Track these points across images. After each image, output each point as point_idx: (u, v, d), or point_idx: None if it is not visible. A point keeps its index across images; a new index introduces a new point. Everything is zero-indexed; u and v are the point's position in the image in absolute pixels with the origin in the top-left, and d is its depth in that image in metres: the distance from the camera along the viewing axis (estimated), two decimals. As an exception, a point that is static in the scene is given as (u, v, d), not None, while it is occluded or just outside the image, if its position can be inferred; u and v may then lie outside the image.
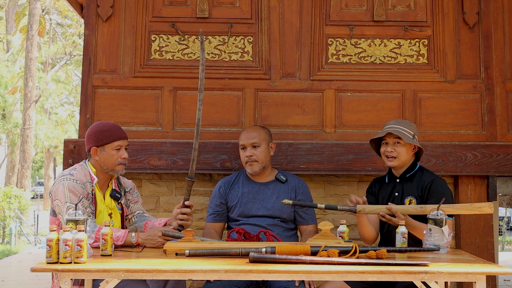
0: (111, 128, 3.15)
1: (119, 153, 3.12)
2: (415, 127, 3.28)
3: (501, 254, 9.23)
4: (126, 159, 3.16)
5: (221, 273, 2.38)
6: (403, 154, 3.21)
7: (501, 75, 4.11)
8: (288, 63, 4.11)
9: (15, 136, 19.47)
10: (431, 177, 3.21)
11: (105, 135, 3.11)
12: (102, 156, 3.11)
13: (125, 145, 3.16)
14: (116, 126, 3.19)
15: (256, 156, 3.43)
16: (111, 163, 3.11)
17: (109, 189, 3.20)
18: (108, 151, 3.10)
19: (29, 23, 16.70)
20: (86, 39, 4.13)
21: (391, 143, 3.22)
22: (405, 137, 3.17)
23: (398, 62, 4.12)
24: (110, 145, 3.11)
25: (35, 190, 25.10)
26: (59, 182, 3.01)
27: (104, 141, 3.10)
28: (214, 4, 4.14)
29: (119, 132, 3.15)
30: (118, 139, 3.12)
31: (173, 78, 4.09)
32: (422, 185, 3.19)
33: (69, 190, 2.96)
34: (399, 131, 3.19)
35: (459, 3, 4.13)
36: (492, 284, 3.94)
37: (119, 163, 3.12)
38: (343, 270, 2.40)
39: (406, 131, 3.20)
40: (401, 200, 3.23)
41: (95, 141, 3.11)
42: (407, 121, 3.33)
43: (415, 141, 3.21)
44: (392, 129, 3.20)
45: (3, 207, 12.22)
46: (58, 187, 2.99)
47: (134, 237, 2.92)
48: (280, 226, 3.42)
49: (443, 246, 2.80)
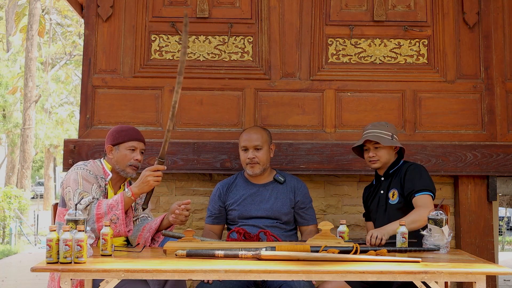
0: (129, 129, 3.22)
1: (133, 154, 3.13)
2: (393, 127, 3.36)
3: (501, 254, 9.23)
4: (139, 161, 3.16)
5: (221, 273, 2.38)
6: (384, 156, 3.29)
7: (501, 75, 4.11)
8: (288, 63, 4.11)
9: (15, 136, 19.47)
10: (408, 165, 3.28)
11: (122, 134, 3.16)
12: (116, 155, 3.14)
13: (140, 147, 3.18)
14: (135, 129, 3.24)
15: (259, 158, 3.43)
16: (123, 163, 3.12)
17: (120, 190, 3.21)
18: (122, 150, 3.13)
19: (29, 23, 16.70)
20: (86, 39, 4.13)
21: (372, 148, 3.31)
22: (382, 141, 3.25)
23: (398, 62, 4.12)
24: (125, 144, 3.14)
25: (35, 190, 25.11)
26: (73, 171, 3.06)
27: (119, 140, 3.15)
28: (214, 4, 4.14)
29: (135, 134, 3.19)
30: (133, 139, 3.15)
31: (173, 78, 4.06)
32: (400, 176, 3.25)
33: (82, 177, 3.01)
34: (376, 135, 3.27)
35: (459, 3, 4.13)
36: (492, 284, 3.94)
37: (131, 164, 3.13)
38: (343, 270, 2.40)
39: (384, 133, 3.28)
40: (386, 196, 3.30)
41: (112, 140, 3.17)
42: (383, 122, 3.41)
43: (394, 141, 3.28)
44: (369, 135, 3.29)
45: (3, 207, 12.22)
46: (71, 176, 3.04)
47: (129, 191, 2.96)
48: (279, 227, 3.41)
49: (443, 246, 2.81)
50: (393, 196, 3.26)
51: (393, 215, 3.18)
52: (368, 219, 3.47)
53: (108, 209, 2.90)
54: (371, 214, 3.41)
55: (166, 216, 3.12)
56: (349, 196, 4.14)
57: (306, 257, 2.54)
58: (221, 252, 2.57)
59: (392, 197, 3.26)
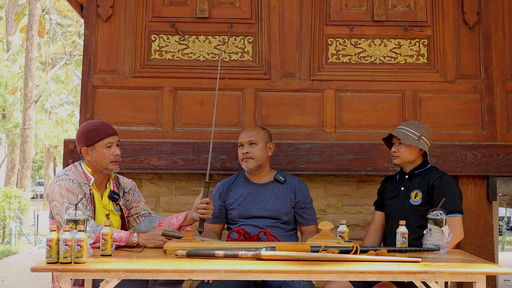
0: (98, 126, 3.10)
1: (111, 150, 3.05)
2: (424, 129, 3.30)
3: (501, 254, 9.23)
4: (119, 155, 3.09)
5: (221, 273, 2.38)
6: (405, 154, 3.28)
7: (501, 75, 4.11)
8: (288, 63, 4.11)
9: (15, 136, 19.48)
10: (439, 173, 3.27)
11: (93, 134, 3.06)
12: (94, 156, 3.05)
13: (115, 141, 3.09)
14: (104, 124, 3.13)
15: (252, 153, 3.43)
16: (103, 162, 3.05)
17: (107, 190, 3.15)
18: (99, 149, 3.05)
19: (29, 23, 16.71)
20: (86, 39, 4.12)
21: (396, 144, 3.32)
22: (405, 138, 3.24)
23: (398, 62, 4.12)
24: (100, 143, 3.05)
25: (35, 190, 25.09)
26: (55, 183, 2.97)
27: (93, 140, 3.05)
28: (214, 4, 4.14)
29: (107, 129, 3.09)
30: (106, 136, 3.06)
31: (173, 78, 4.09)
32: (429, 180, 3.24)
33: (66, 190, 2.91)
34: (402, 131, 3.27)
35: (459, 3, 4.13)
36: (492, 284, 3.93)
37: (112, 160, 3.05)
38: (343, 270, 2.40)
39: (411, 132, 3.26)
40: (406, 194, 3.26)
41: (85, 141, 3.07)
42: (417, 122, 3.37)
43: (418, 142, 3.24)
44: (396, 131, 3.31)
45: (3, 207, 12.22)
46: (55, 188, 2.94)
47: (136, 237, 2.91)
48: (279, 227, 3.41)
49: (443, 246, 2.81)
50: (415, 197, 3.24)
51: (411, 215, 3.18)
52: (378, 208, 3.46)
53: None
54: (386, 207, 3.38)
55: (189, 213, 3.12)
56: (349, 196, 4.14)
57: (306, 257, 2.54)
58: (221, 252, 2.57)
59: (414, 198, 3.24)
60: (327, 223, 2.78)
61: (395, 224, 3.17)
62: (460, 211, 3.15)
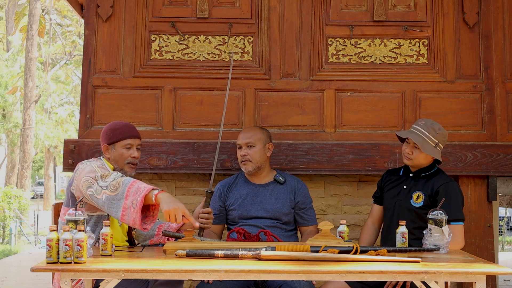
0: (122, 126, 3.15)
1: (129, 151, 3.09)
2: (442, 136, 3.19)
3: (501, 254, 9.23)
4: (137, 158, 3.12)
5: (221, 273, 2.38)
6: (419, 159, 3.19)
7: (501, 75, 4.11)
8: (288, 63, 4.11)
9: (15, 136, 19.48)
10: (445, 179, 3.21)
11: (116, 133, 3.11)
12: (113, 154, 3.10)
13: (136, 144, 3.13)
14: (129, 125, 3.19)
15: (250, 155, 3.42)
16: (120, 162, 3.09)
17: None
18: (118, 149, 3.09)
19: (29, 23, 16.71)
20: (86, 39, 4.13)
21: (411, 145, 3.19)
22: (424, 147, 3.13)
23: (398, 62, 4.12)
24: (120, 143, 3.09)
25: (35, 190, 25.11)
26: (85, 164, 2.97)
27: (114, 138, 3.10)
28: (214, 4, 4.14)
29: (130, 131, 3.14)
30: (128, 137, 3.10)
31: (173, 78, 4.09)
32: (433, 185, 3.18)
33: (98, 166, 2.94)
34: (422, 137, 3.14)
35: (459, 3, 4.13)
36: (492, 284, 3.93)
37: (128, 161, 3.09)
38: (343, 270, 2.40)
39: (429, 139, 3.15)
40: (407, 194, 3.23)
41: (107, 139, 3.12)
42: (437, 127, 3.21)
43: (434, 151, 3.15)
44: (414, 134, 3.16)
45: (3, 207, 12.22)
46: (85, 167, 2.94)
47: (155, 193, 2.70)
48: (279, 227, 3.41)
49: (443, 246, 2.81)
50: (417, 199, 3.19)
51: (410, 216, 3.16)
52: (377, 201, 3.42)
53: (135, 191, 2.72)
54: (385, 201, 3.34)
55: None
56: (349, 196, 4.14)
57: (306, 257, 2.54)
58: (221, 252, 2.57)
59: (416, 199, 3.19)
60: (327, 223, 2.78)
61: (393, 221, 3.17)
62: (462, 219, 3.13)
